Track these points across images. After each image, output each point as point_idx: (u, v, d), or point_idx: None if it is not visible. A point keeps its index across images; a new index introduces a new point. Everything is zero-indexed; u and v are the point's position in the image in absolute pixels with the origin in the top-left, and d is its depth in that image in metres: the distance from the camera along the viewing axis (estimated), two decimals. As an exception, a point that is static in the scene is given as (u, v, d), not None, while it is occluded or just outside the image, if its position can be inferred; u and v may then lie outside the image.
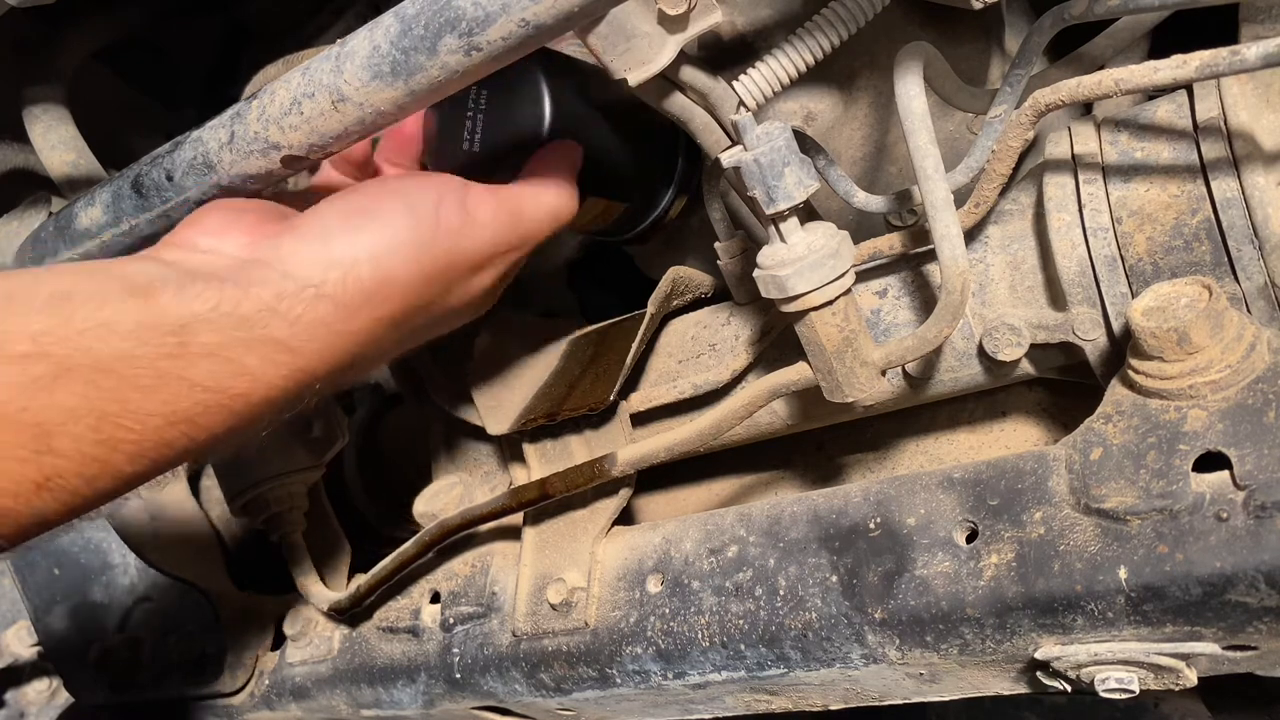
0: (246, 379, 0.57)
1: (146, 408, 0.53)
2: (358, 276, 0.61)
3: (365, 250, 0.62)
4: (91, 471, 0.53)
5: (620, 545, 0.80)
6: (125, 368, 0.52)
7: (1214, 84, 0.63)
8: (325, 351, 0.61)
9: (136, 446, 0.54)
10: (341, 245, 0.61)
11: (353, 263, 0.61)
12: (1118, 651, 0.59)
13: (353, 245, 0.62)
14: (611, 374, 0.80)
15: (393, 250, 0.63)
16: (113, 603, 1.08)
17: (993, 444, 0.81)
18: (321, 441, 0.97)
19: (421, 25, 0.58)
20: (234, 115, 0.67)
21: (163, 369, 0.54)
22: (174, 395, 0.54)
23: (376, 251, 0.62)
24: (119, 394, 0.52)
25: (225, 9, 1.11)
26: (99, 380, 0.52)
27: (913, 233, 0.73)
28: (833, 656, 0.68)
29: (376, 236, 0.62)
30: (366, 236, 0.62)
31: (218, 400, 0.56)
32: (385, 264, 0.62)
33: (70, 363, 0.51)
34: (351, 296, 0.61)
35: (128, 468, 0.54)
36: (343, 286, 0.61)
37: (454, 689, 0.86)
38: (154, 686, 1.05)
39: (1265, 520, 0.54)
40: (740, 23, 0.78)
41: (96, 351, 0.52)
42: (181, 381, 0.54)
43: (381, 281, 0.62)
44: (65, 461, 0.51)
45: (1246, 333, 0.58)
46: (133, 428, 0.53)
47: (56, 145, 0.96)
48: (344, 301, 0.61)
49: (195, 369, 0.55)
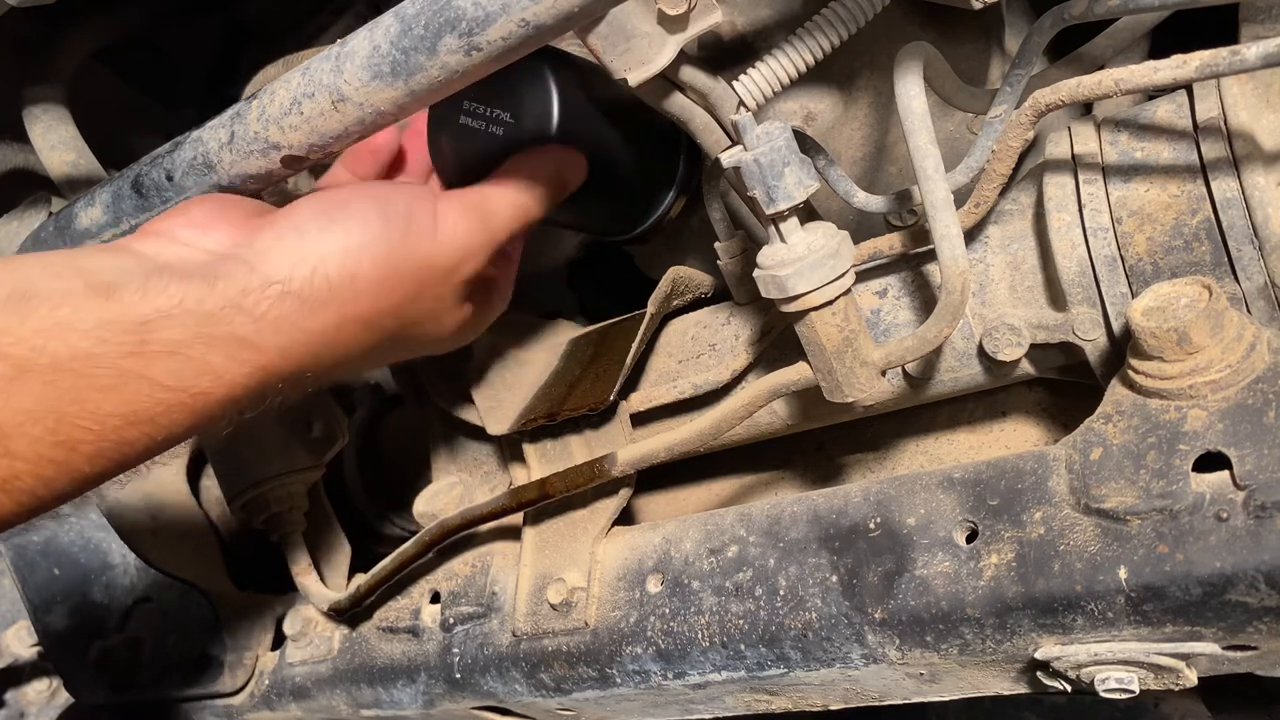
0: (209, 377, 0.57)
1: (106, 408, 0.53)
2: (325, 273, 0.61)
3: (334, 247, 0.62)
4: (49, 473, 0.52)
5: (620, 545, 0.80)
6: (84, 367, 0.52)
7: (1214, 84, 0.63)
8: (290, 349, 0.60)
9: (95, 447, 0.53)
10: (312, 241, 0.62)
11: (320, 259, 0.61)
12: (1118, 651, 0.59)
13: (322, 242, 0.62)
14: (611, 374, 0.80)
15: (361, 248, 0.63)
16: (113, 603, 1.08)
17: (993, 444, 0.81)
18: (321, 441, 0.97)
19: (421, 25, 0.58)
20: (234, 115, 0.67)
21: (123, 368, 0.53)
22: (134, 395, 0.54)
23: (346, 248, 0.62)
24: (78, 394, 0.52)
25: (225, 9, 1.11)
26: (57, 380, 0.51)
27: (913, 233, 0.73)
28: (833, 656, 0.68)
29: (346, 234, 0.63)
30: (337, 233, 0.62)
31: (179, 399, 0.56)
32: (353, 261, 0.62)
33: (27, 364, 0.50)
34: (317, 292, 0.61)
35: (86, 468, 0.54)
36: (309, 283, 0.61)
37: (454, 689, 0.86)
38: (154, 686, 1.05)
39: (1265, 520, 0.54)
40: (740, 23, 0.78)
41: (54, 351, 0.51)
42: (142, 380, 0.54)
43: (348, 278, 0.62)
44: (22, 464, 0.51)
45: (1246, 333, 0.58)
46: (91, 428, 0.52)
47: (56, 145, 0.96)
48: (309, 298, 0.61)
49: (156, 367, 0.54)
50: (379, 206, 0.65)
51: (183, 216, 0.63)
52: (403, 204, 0.66)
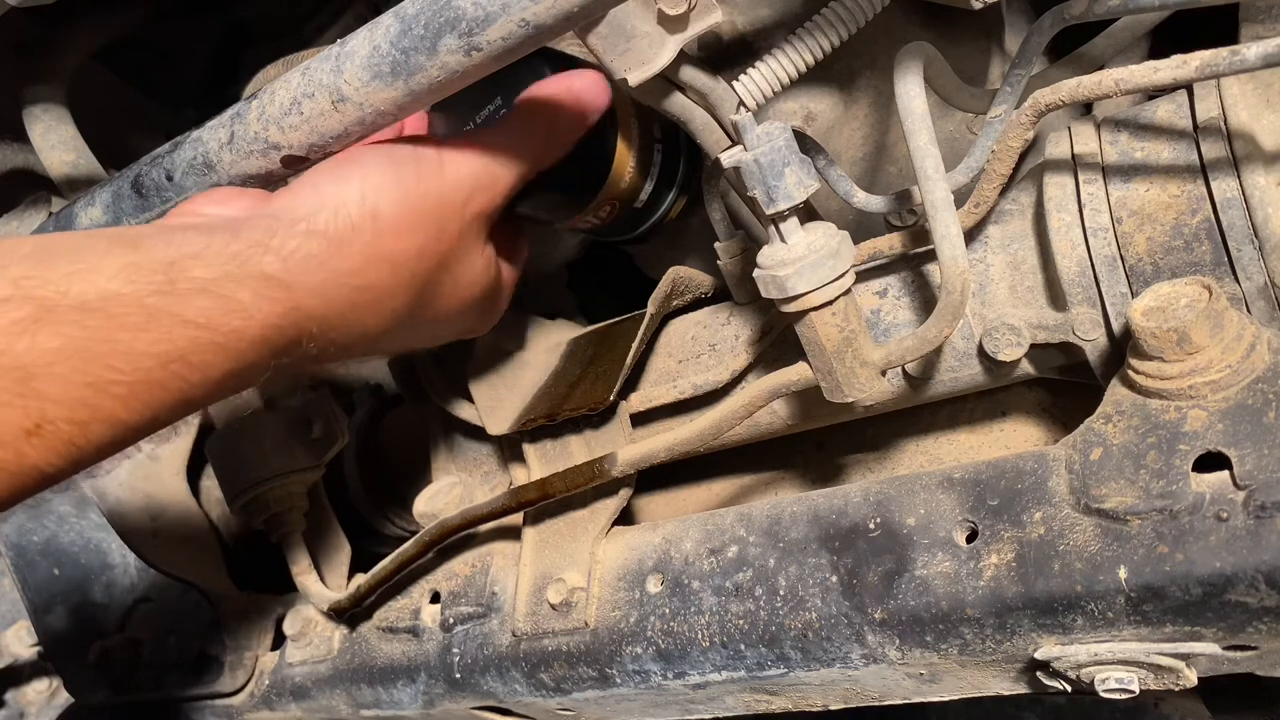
0: (240, 315, 0.56)
1: (136, 347, 0.52)
2: (346, 214, 0.63)
3: (351, 191, 0.63)
4: (82, 416, 0.51)
5: (620, 545, 0.80)
6: (112, 306, 0.52)
7: (1214, 84, 0.63)
8: (320, 288, 0.61)
9: (128, 389, 0.53)
10: (330, 189, 0.63)
11: (340, 202, 0.63)
12: (1118, 651, 0.59)
13: (340, 189, 0.63)
14: (611, 374, 0.80)
15: (378, 189, 0.64)
16: (113, 603, 1.08)
17: (993, 444, 0.81)
18: (321, 442, 0.97)
19: (421, 25, 0.58)
20: (234, 115, 0.67)
21: (152, 306, 0.53)
22: (165, 333, 0.53)
23: (363, 190, 0.64)
24: (106, 333, 0.51)
25: (225, 9, 1.11)
26: (84, 320, 0.51)
27: (913, 233, 0.73)
28: (833, 656, 0.68)
29: (361, 179, 0.64)
30: (352, 180, 0.64)
31: (211, 338, 0.55)
32: (370, 201, 0.64)
33: (52, 304, 0.50)
34: (341, 231, 0.62)
35: (122, 412, 0.53)
36: (333, 222, 0.62)
37: (454, 689, 0.86)
38: (154, 686, 1.05)
39: (1265, 520, 0.54)
40: (740, 23, 0.78)
41: (80, 292, 0.51)
42: (173, 319, 0.53)
43: (369, 216, 0.63)
44: (53, 406, 0.50)
45: (1246, 333, 0.58)
46: (122, 369, 0.52)
47: (56, 145, 0.96)
48: (334, 236, 0.62)
49: (186, 305, 0.54)
50: (386, 154, 0.66)
51: (205, 198, 0.65)
52: (407, 150, 0.67)
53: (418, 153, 0.67)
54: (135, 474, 1.08)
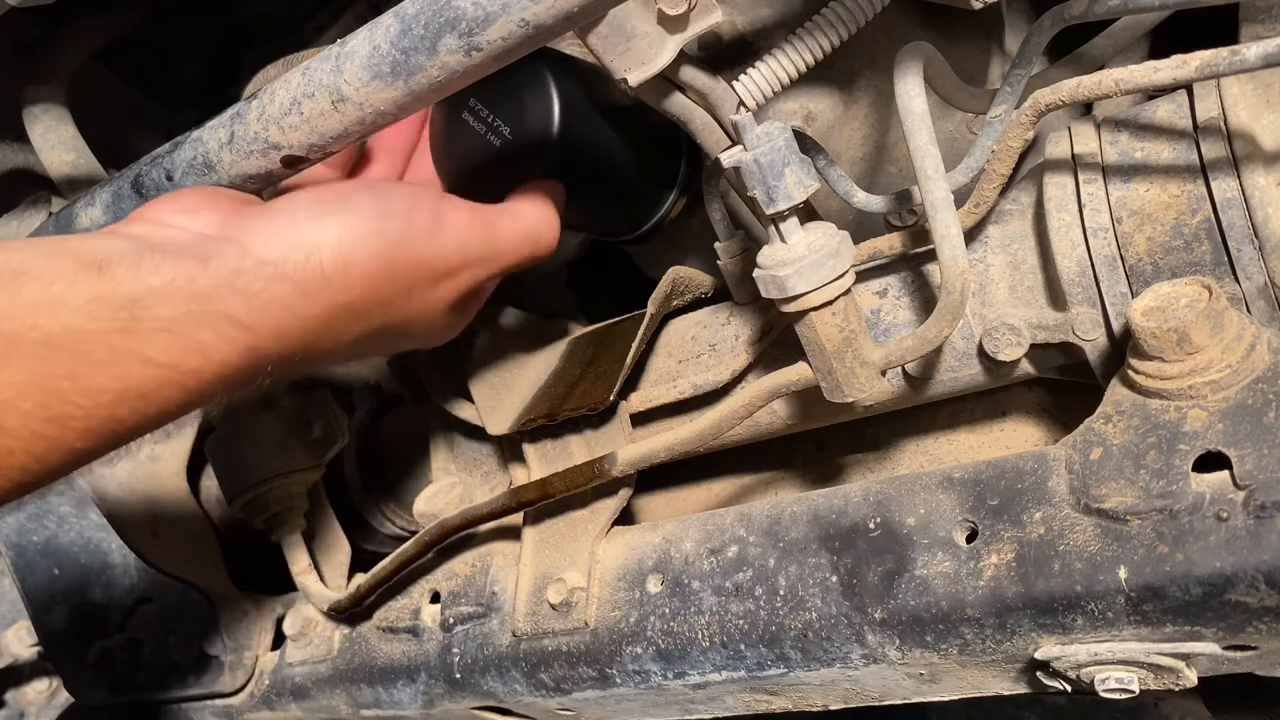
0: (199, 355, 0.56)
1: (97, 383, 0.53)
2: (319, 261, 0.61)
3: (330, 235, 0.62)
4: (41, 449, 0.52)
5: (620, 545, 0.80)
6: (76, 343, 0.52)
7: (1214, 84, 0.63)
8: (280, 332, 0.60)
9: (86, 423, 0.53)
10: (307, 229, 0.62)
11: (315, 247, 0.61)
12: (1118, 651, 0.59)
13: (318, 230, 0.62)
14: (611, 374, 0.80)
15: (357, 238, 0.63)
16: (113, 603, 1.08)
17: (993, 444, 0.81)
18: (321, 442, 0.97)
19: (421, 25, 0.58)
20: (234, 115, 0.67)
21: (115, 344, 0.53)
22: (126, 371, 0.54)
23: (340, 237, 0.62)
24: (69, 369, 0.52)
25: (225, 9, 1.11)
26: (48, 356, 0.51)
27: (913, 233, 0.73)
28: (833, 656, 0.68)
29: (343, 225, 0.63)
30: (333, 223, 0.62)
31: (170, 376, 0.55)
32: (348, 251, 0.62)
33: (19, 338, 0.50)
34: (311, 280, 0.61)
35: (78, 443, 0.53)
36: (303, 269, 0.61)
37: (454, 689, 0.86)
38: (154, 686, 1.05)
39: (1265, 520, 0.54)
40: (740, 23, 0.78)
41: (46, 327, 0.51)
42: (134, 357, 0.54)
43: (342, 267, 0.62)
44: (13, 440, 0.51)
45: (1246, 333, 0.58)
46: (83, 404, 0.52)
47: (56, 145, 0.96)
48: (302, 284, 0.61)
49: (148, 344, 0.54)
50: (378, 201, 0.65)
51: (171, 203, 0.64)
52: (403, 202, 0.66)
53: (413, 209, 0.66)
54: (135, 474, 1.08)
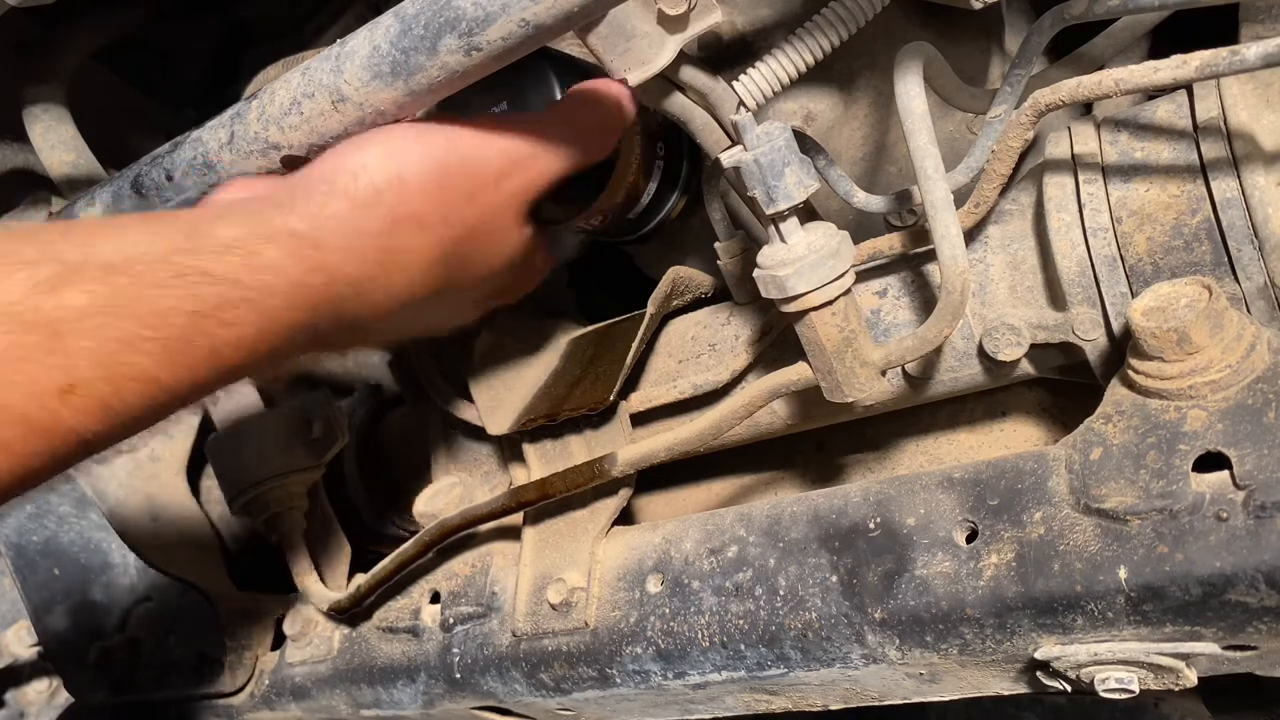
0: (269, 271, 0.56)
1: (164, 304, 0.52)
2: (369, 178, 0.62)
3: (374, 155, 0.63)
4: (116, 374, 0.51)
5: (620, 545, 0.80)
6: (137, 264, 0.51)
7: (1214, 84, 0.63)
8: (347, 247, 0.60)
9: (160, 345, 0.52)
10: (351, 155, 0.63)
11: (361, 166, 0.62)
12: (1118, 651, 0.59)
13: (361, 153, 0.63)
14: (611, 374, 0.80)
15: (402, 152, 0.63)
16: (113, 603, 1.08)
17: (993, 444, 0.81)
18: (321, 442, 0.97)
19: (421, 25, 0.58)
20: (234, 115, 0.67)
21: (177, 263, 0.53)
22: (192, 289, 0.53)
23: (386, 153, 0.63)
24: (132, 290, 0.51)
25: (225, 9, 1.11)
26: (109, 278, 0.50)
27: (913, 233, 0.73)
28: (833, 656, 0.68)
29: (386, 143, 0.63)
30: (374, 145, 0.63)
31: (240, 294, 0.55)
32: (394, 164, 0.63)
33: (78, 263, 0.50)
34: (364, 193, 0.61)
35: (155, 370, 0.52)
36: (353, 183, 0.61)
37: (454, 689, 0.86)
38: (154, 686, 1.05)
39: (1265, 520, 0.54)
40: (740, 23, 0.78)
41: (105, 252, 0.51)
42: (199, 275, 0.53)
43: (393, 178, 0.62)
44: (85, 364, 0.49)
45: (1246, 333, 0.58)
46: (152, 324, 0.51)
47: (56, 145, 0.96)
48: (357, 198, 0.61)
49: (213, 262, 0.54)
50: (414, 127, 0.65)
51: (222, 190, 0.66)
52: (438, 125, 0.66)
53: (450, 126, 0.66)
54: (135, 474, 1.08)
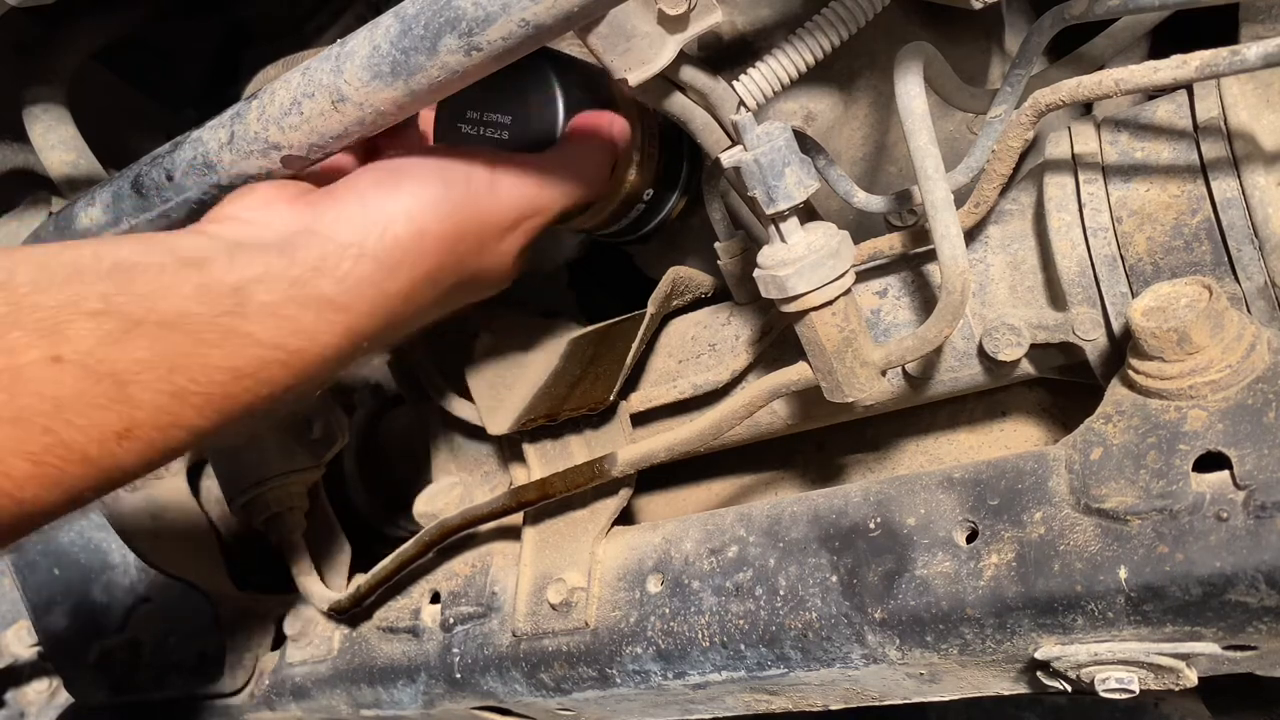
0: (303, 336, 0.60)
1: (212, 361, 0.56)
2: (395, 234, 0.64)
3: (400, 209, 0.65)
4: (164, 422, 0.55)
5: (620, 545, 0.80)
6: (189, 324, 0.56)
7: (1214, 84, 0.63)
8: (373, 309, 0.63)
9: (204, 400, 0.56)
10: (377, 207, 0.64)
11: (389, 221, 0.64)
12: (1118, 651, 0.59)
13: (388, 205, 0.64)
14: (611, 374, 0.80)
15: (425, 208, 0.65)
16: (113, 603, 1.08)
17: (993, 444, 0.81)
18: (321, 442, 0.97)
19: (421, 25, 0.58)
20: (234, 115, 0.67)
21: (225, 325, 0.57)
22: (236, 350, 0.57)
23: (410, 209, 0.65)
24: (185, 348, 0.55)
25: (225, 9, 1.11)
26: (165, 336, 0.55)
27: (913, 233, 0.73)
28: (833, 656, 0.68)
29: (410, 196, 0.65)
30: (401, 196, 0.65)
31: (277, 357, 0.59)
32: (419, 220, 0.65)
33: (138, 318, 0.54)
34: (390, 253, 0.64)
35: (197, 420, 0.57)
36: (381, 244, 0.63)
37: (454, 689, 0.86)
38: (154, 687, 1.05)
39: (1265, 520, 0.54)
40: (740, 23, 0.78)
41: (161, 309, 0.55)
42: (244, 338, 0.57)
43: (417, 236, 0.65)
44: (142, 412, 0.54)
45: (1246, 333, 0.58)
46: (199, 380, 0.56)
47: (56, 145, 0.96)
48: (384, 260, 0.63)
49: (257, 326, 0.58)
50: (437, 169, 0.67)
51: (242, 201, 0.66)
52: (460, 167, 0.68)
53: (470, 171, 0.68)
54: (135, 474, 1.08)
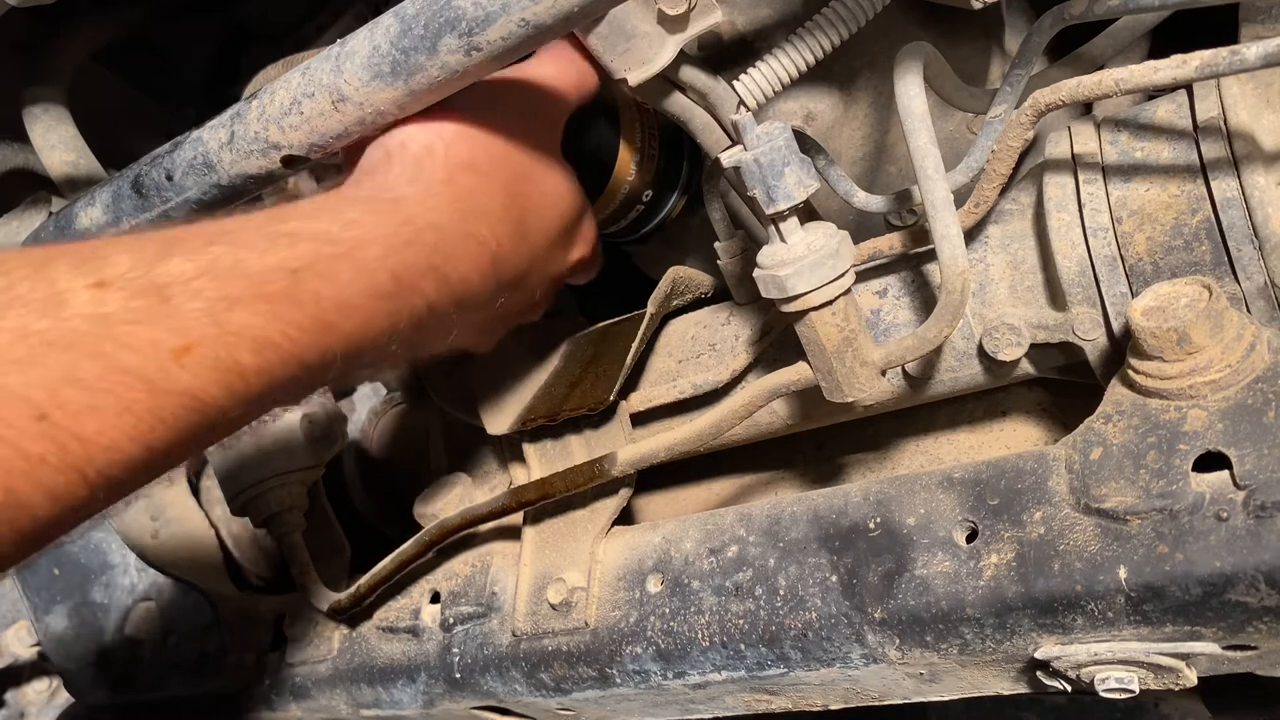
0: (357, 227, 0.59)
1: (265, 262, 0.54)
2: (416, 140, 0.65)
3: (410, 127, 0.66)
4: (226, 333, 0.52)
5: (620, 545, 0.80)
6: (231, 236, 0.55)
7: (1214, 84, 0.63)
8: (425, 198, 0.64)
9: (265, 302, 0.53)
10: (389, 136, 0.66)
11: (406, 136, 0.66)
12: (1118, 651, 0.59)
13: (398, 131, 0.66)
14: (611, 374, 0.80)
15: (434, 117, 0.66)
16: (113, 603, 1.08)
17: (993, 444, 0.81)
18: (321, 441, 0.97)
19: (421, 25, 0.58)
20: (234, 115, 0.67)
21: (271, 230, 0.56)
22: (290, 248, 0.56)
23: (421, 120, 0.65)
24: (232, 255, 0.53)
25: (225, 9, 1.11)
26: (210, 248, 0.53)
27: (913, 233, 0.73)
28: (833, 656, 0.68)
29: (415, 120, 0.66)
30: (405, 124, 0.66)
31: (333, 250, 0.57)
32: (432, 125, 0.66)
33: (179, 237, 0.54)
34: (417, 151, 0.65)
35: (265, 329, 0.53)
36: (405, 150, 0.65)
37: (454, 689, 0.86)
38: (154, 687, 1.05)
39: (1265, 520, 0.54)
40: (740, 23, 0.78)
41: (202, 228, 0.55)
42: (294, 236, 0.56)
43: (434, 136, 0.66)
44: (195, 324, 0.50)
45: (1246, 333, 0.58)
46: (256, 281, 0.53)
47: (56, 145, 0.96)
48: (415, 155, 0.65)
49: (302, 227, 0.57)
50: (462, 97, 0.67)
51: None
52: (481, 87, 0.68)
53: (492, 84, 0.68)
54: (135, 474, 1.08)
